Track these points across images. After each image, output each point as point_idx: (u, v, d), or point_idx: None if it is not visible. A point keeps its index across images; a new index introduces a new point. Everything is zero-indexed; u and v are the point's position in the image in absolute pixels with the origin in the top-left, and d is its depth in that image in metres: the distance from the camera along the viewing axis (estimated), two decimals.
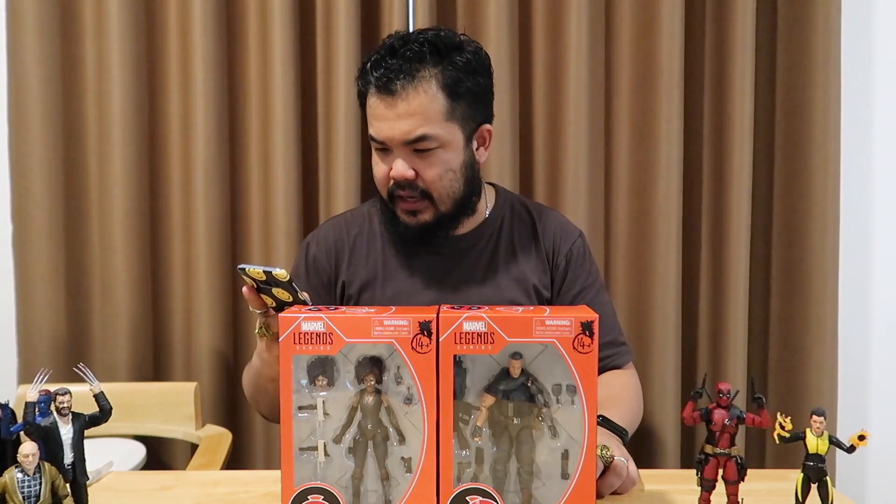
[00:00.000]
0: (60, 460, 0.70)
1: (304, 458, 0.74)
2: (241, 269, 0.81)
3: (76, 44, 1.63)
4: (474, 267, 1.15)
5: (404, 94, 1.01)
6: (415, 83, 1.01)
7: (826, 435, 0.71)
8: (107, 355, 1.65)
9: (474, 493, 0.73)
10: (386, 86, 1.01)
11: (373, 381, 0.73)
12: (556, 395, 0.73)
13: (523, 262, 1.16)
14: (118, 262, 1.63)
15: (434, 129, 1.03)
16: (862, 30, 1.77)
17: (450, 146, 1.05)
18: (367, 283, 1.15)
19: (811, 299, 1.71)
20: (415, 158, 1.04)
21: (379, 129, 1.04)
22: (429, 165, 1.05)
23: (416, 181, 1.05)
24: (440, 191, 1.07)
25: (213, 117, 1.61)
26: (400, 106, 1.01)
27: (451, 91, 1.03)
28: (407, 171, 1.04)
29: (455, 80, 1.03)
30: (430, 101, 1.02)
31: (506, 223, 1.19)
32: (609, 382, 1.14)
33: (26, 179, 1.61)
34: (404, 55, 1.02)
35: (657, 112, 1.65)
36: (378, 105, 1.03)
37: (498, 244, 1.17)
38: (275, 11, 1.59)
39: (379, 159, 1.08)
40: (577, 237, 1.21)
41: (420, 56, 1.02)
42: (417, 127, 1.02)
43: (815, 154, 1.69)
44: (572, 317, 0.71)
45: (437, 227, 1.09)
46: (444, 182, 1.06)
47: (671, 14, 1.62)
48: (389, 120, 1.02)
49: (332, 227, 1.22)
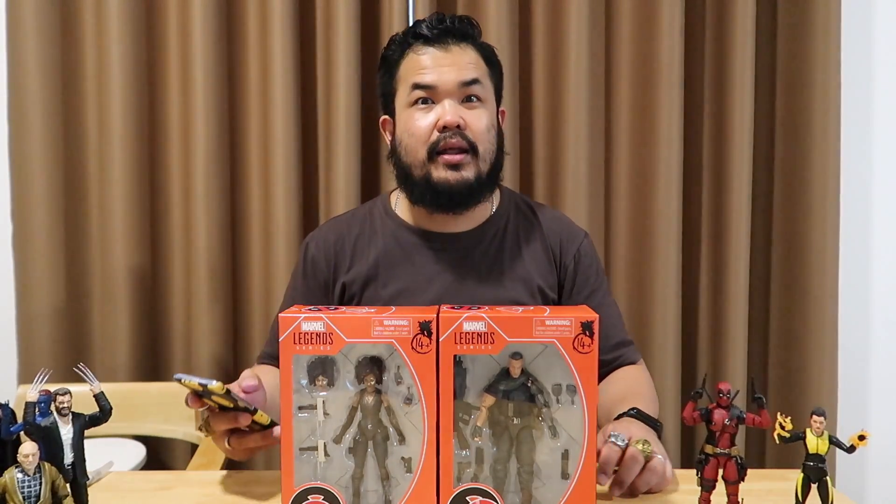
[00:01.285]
0: (60, 460, 0.70)
1: (304, 458, 0.74)
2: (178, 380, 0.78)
3: (76, 44, 1.63)
4: (478, 265, 1.13)
5: (457, 48, 1.08)
6: (465, 44, 1.09)
7: (826, 435, 0.71)
8: (107, 355, 1.66)
9: (474, 493, 0.73)
10: (441, 38, 1.08)
11: (373, 381, 0.73)
12: (556, 395, 0.73)
13: (528, 262, 1.15)
14: (118, 262, 1.63)
15: (484, 79, 1.09)
16: (862, 30, 1.77)
17: (489, 105, 1.10)
18: (369, 281, 1.14)
19: (811, 299, 1.71)
20: (463, 109, 1.07)
21: (433, 73, 1.06)
22: (477, 115, 1.07)
23: (465, 131, 1.06)
24: (485, 144, 1.08)
25: (213, 117, 1.61)
26: (454, 53, 1.07)
27: (487, 59, 1.12)
28: (458, 118, 1.05)
29: (489, 52, 1.13)
30: (477, 58, 1.10)
31: (511, 222, 1.17)
32: (624, 377, 1.14)
33: (26, 179, 1.61)
34: (454, 19, 1.10)
35: (657, 112, 1.65)
36: (431, 53, 1.07)
37: (503, 243, 1.15)
38: (275, 11, 1.59)
39: (419, 114, 1.07)
40: (583, 238, 1.20)
41: (465, 29, 1.10)
42: (473, 71, 1.07)
43: (815, 154, 1.69)
44: (572, 317, 0.71)
45: (474, 189, 1.08)
46: (488, 136, 1.08)
47: (671, 14, 1.63)
48: (444, 66, 1.06)
49: (332, 229, 1.20)
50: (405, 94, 1.08)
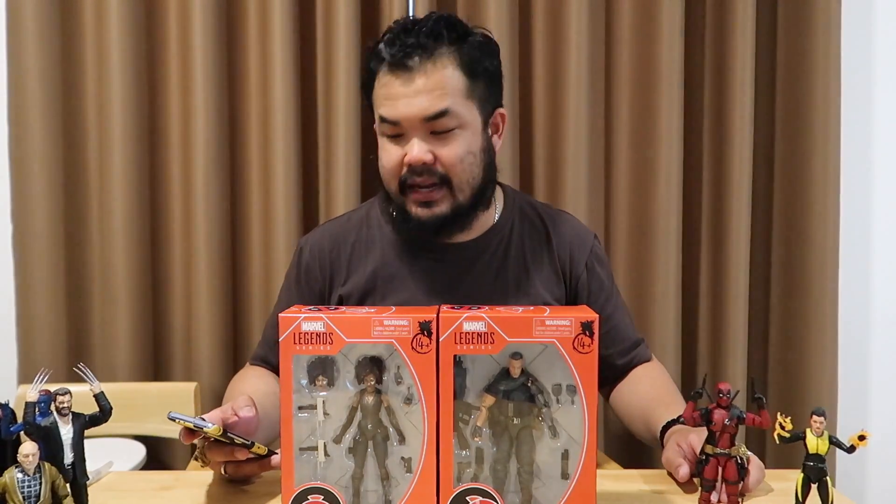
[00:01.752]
0: (60, 460, 0.70)
1: (304, 458, 0.74)
2: (172, 419, 0.76)
3: (76, 44, 1.63)
4: (481, 278, 1.07)
5: (422, 70, 0.95)
6: (433, 59, 0.95)
7: (826, 435, 0.71)
8: (107, 355, 1.65)
9: (474, 493, 0.73)
10: (402, 62, 0.95)
11: (373, 381, 0.73)
12: (556, 395, 0.72)
13: (534, 273, 1.09)
14: (118, 262, 1.63)
15: (455, 105, 0.96)
16: (862, 30, 1.77)
17: (469, 127, 0.99)
18: (366, 294, 1.09)
19: (811, 299, 1.71)
20: (432, 140, 0.97)
21: (394, 107, 0.96)
22: (449, 148, 0.97)
23: (435, 166, 0.97)
24: (460, 175, 0.98)
25: (213, 117, 1.61)
26: (418, 81, 0.95)
27: (470, 69, 0.98)
28: (425, 155, 0.96)
29: (473, 59, 0.98)
30: (448, 77, 0.95)
31: (516, 230, 1.11)
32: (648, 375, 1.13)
33: (26, 179, 1.61)
34: (420, 32, 0.96)
35: (657, 112, 1.65)
36: (393, 83, 0.96)
37: (507, 254, 1.09)
38: (275, 11, 1.59)
39: (388, 146, 1.00)
40: (592, 241, 1.15)
41: (436, 33, 0.96)
42: (438, 102, 0.95)
43: (815, 154, 1.69)
44: (572, 317, 0.71)
45: (453, 220, 1.01)
46: (464, 165, 0.98)
47: (671, 14, 1.63)
48: (407, 97, 0.95)
49: (327, 234, 1.14)
50: (377, 120, 1.01)
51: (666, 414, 0.96)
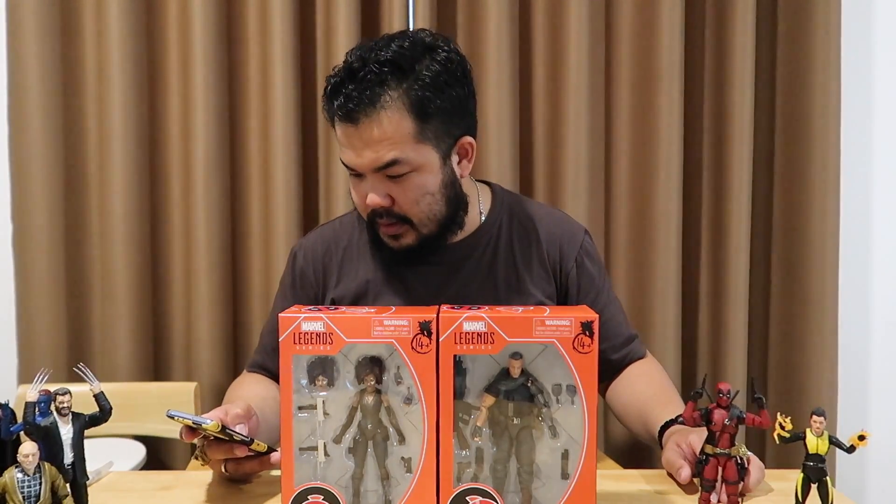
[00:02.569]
0: (60, 460, 0.70)
1: (304, 458, 0.74)
2: (171, 417, 0.76)
3: (76, 44, 1.63)
4: (471, 277, 1.08)
5: (367, 122, 0.93)
6: (377, 109, 0.92)
7: (826, 435, 0.71)
8: (107, 355, 1.65)
9: (474, 493, 0.73)
10: (348, 115, 0.93)
11: (373, 381, 0.73)
12: (556, 395, 0.72)
13: (524, 272, 1.09)
14: (118, 262, 1.63)
15: (404, 154, 0.94)
16: (862, 31, 1.77)
17: (424, 168, 0.97)
18: (359, 298, 1.09)
19: (811, 299, 1.71)
20: (389, 184, 0.97)
21: (349, 156, 0.97)
22: (403, 191, 0.97)
23: (393, 207, 0.99)
24: (419, 215, 1.00)
25: (213, 117, 1.61)
26: (365, 134, 0.93)
27: (419, 111, 0.94)
28: (382, 200, 0.98)
29: (422, 99, 0.94)
30: (395, 125, 0.93)
31: (504, 229, 1.11)
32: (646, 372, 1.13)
33: (26, 179, 1.61)
34: (363, 79, 0.93)
35: (657, 112, 1.65)
36: (344, 131, 0.96)
37: (496, 253, 1.09)
38: (275, 11, 1.59)
39: (355, 183, 1.02)
40: (582, 236, 1.15)
41: (380, 79, 0.93)
42: (386, 153, 0.94)
43: (815, 154, 1.69)
44: (572, 317, 0.71)
45: (421, 248, 1.03)
46: (421, 206, 0.99)
47: (671, 13, 1.63)
48: (357, 148, 0.95)
49: (320, 239, 1.15)
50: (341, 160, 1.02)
51: (664, 413, 0.96)
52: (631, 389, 1.12)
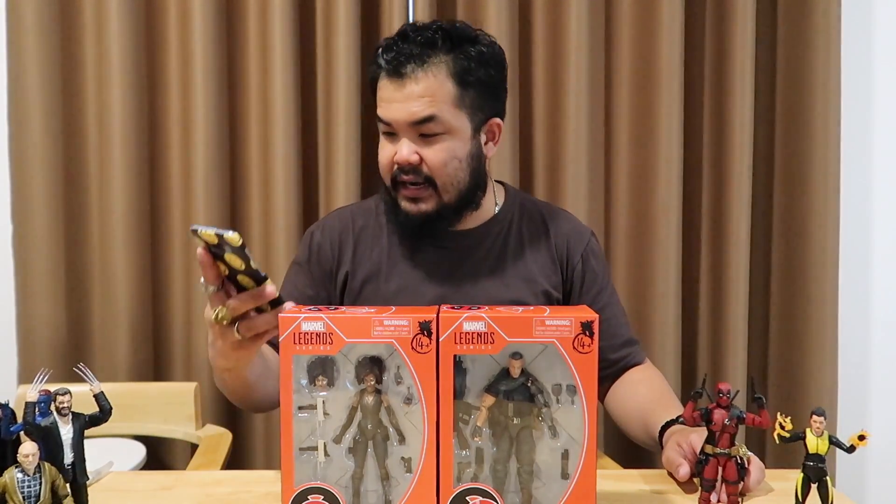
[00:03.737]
0: (60, 460, 0.70)
1: (304, 458, 0.74)
2: (194, 231, 0.73)
3: (76, 44, 1.63)
4: (481, 264, 1.13)
5: (414, 77, 1.01)
6: (424, 67, 1.01)
7: (826, 435, 0.71)
8: (107, 355, 1.65)
9: (474, 493, 0.73)
10: (396, 68, 1.01)
11: (373, 381, 0.73)
12: (556, 395, 0.72)
13: (532, 262, 1.14)
14: (118, 262, 1.63)
15: (442, 113, 1.02)
16: (862, 30, 1.77)
17: (456, 134, 1.04)
18: (371, 277, 1.13)
19: (811, 299, 1.71)
20: (420, 143, 1.03)
21: (387, 110, 1.03)
22: (434, 151, 1.03)
23: (421, 166, 1.04)
24: (444, 178, 1.05)
25: (213, 117, 1.61)
26: (409, 87, 1.01)
27: (461, 79, 1.03)
28: (411, 155, 1.03)
29: (465, 69, 1.03)
30: (438, 86, 1.01)
31: (515, 222, 1.17)
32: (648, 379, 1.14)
33: (26, 179, 1.61)
34: (416, 40, 1.02)
35: (657, 112, 1.65)
36: (387, 87, 1.03)
37: (507, 242, 1.15)
38: (275, 11, 1.59)
39: (385, 143, 1.07)
40: (589, 236, 1.20)
41: (431, 42, 1.02)
42: (425, 109, 1.01)
43: (815, 154, 1.69)
44: (572, 317, 0.71)
45: (438, 217, 1.07)
46: (448, 170, 1.04)
47: (671, 14, 1.63)
48: (398, 101, 1.02)
49: (337, 218, 1.20)
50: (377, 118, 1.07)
51: (664, 415, 0.97)
52: (632, 394, 1.12)
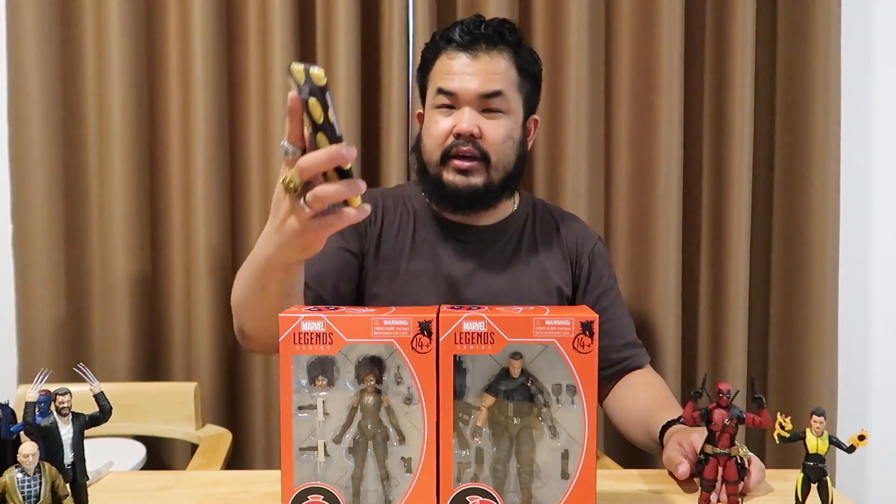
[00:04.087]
0: (60, 460, 0.70)
1: (304, 458, 0.74)
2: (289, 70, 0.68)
3: (76, 44, 1.63)
4: (497, 258, 1.17)
5: (485, 56, 1.09)
6: (497, 50, 1.10)
7: (826, 435, 0.71)
8: (107, 355, 1.65)
9: (474, 493, 0.73)
10: (471, 44, 1.09)
11: (373, 381, 0.73)
12: (556, 395, 0.72)
13: (545, 259, 1.19)
14: (118, 262, 1.63)
15: (508, 92, 1.09)
16: (862, 30, 1.77)
17: (513, 115, 1.11)
18: (392, 257, 1.16)
19: (811, 299, 1.71)
20: (482, 118, 1.09)
21: (458, 80, 1.08)
22: (494, 127, 1.09)
23: (479, 140, 1.08)
24: (498, 155, 1.10)
25: (213, 117, 1.61)
26: (482, 61, 1.08)
27: (521, 68, 1.12)
28: (473, 127, 1.07)
29: (525, 61, 1.13)
30: (506, 68, 1.10)
31: (529, 221, 1.23)
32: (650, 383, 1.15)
33: (26, 179, 1.61)
34: (488, 25, 1.11)
35: (657, 112, 1.65)
36: (459, 59, 1.09)
37: (521, 239, 1.20)
38: (275, 12, 1.59)
39: (439, 117, 1.11)
40: (596, 240, 1.26)
41: (500, 33, 1.11)
42: (495, 83, 1.08)
43: (815, 154, 1.69)
44: (572, 317, 0.71)
45: (482, 195, 1.11)
46: (504, 147, 1.10)
47: (671, 14, 1.63)
48: (469, 73, 1.08)
49: (378, 192, 1.24)
50: (432, 94, 1.13)
51: (665, 417, 0.98)
52: (633, 398, 1.13)
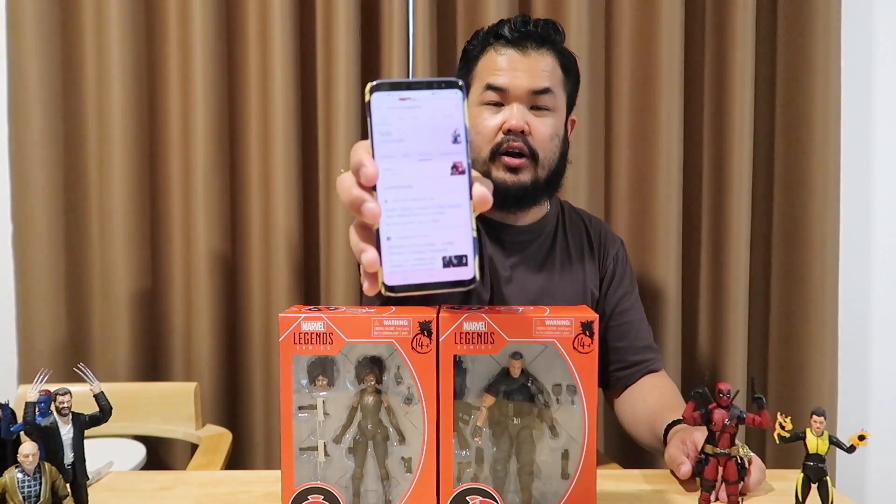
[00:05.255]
0: (60, 460, 0.70)
1: (304, 458, 0.74)
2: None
3: (76, 44, 1.63)
4: (534, 257, 1.18)
5: (536, 54, 1.09)
6: (545, 49, 1.10)
7: (826, 435, 0.71)
8: (107, 355, 1.65)
9: (474, 493, 0.73)
10: (521, 42, 1.09)
11: (373, 381, 0.73)
12: (556, 395, 0.72)
13: (577, 260, 1.21)
14: (118, 262, 1.63)
15: (556, 89, 1.10)
16: (862, 31, 1.77)
17: (559, 113, 1.12)
18: None
19: (811, 299, 1.71)
20: (530, 116, 1.09)
21: (508, 76, 1.08)
22: (542, 124, 1.09)
23: (528, 136, 1.08)
24: (545, 152, 1.10)
25: (213, 117, 1.61)
26: (532, 59, 1.09)
27: (565, 67, 1.13)
28: (523, 123, 1.07)
29: (568, 61, 1.15)
30: (553, 66, 1.11)
31: (561, 221, 1.24)
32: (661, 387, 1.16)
33: (26, 179, 1.61)
34: (538, 24, 1.11)
35: (657, 112, 1.65)
36: (510, 56, 1.09)
37: (555, 240, 1.21)
38: (275, 12, 1.59)
39: (487, 114, 1.10)
40: (620, 243, 1.27)
41: (546, 32, 1.11)
42: (545, 80, 1.09)
43: (815, 154, 1.69)
44: (572, 317, 0.71)
45: (530, 192, 1.11)
46: (551, 145, 1.10)
47: (671, 14, 1.63)
48: (520, 70, 1.08)
49: None
50: (478, 91, 1.11)
51: (671, 417, 0.99)
52: (642, 399, 1.14)
